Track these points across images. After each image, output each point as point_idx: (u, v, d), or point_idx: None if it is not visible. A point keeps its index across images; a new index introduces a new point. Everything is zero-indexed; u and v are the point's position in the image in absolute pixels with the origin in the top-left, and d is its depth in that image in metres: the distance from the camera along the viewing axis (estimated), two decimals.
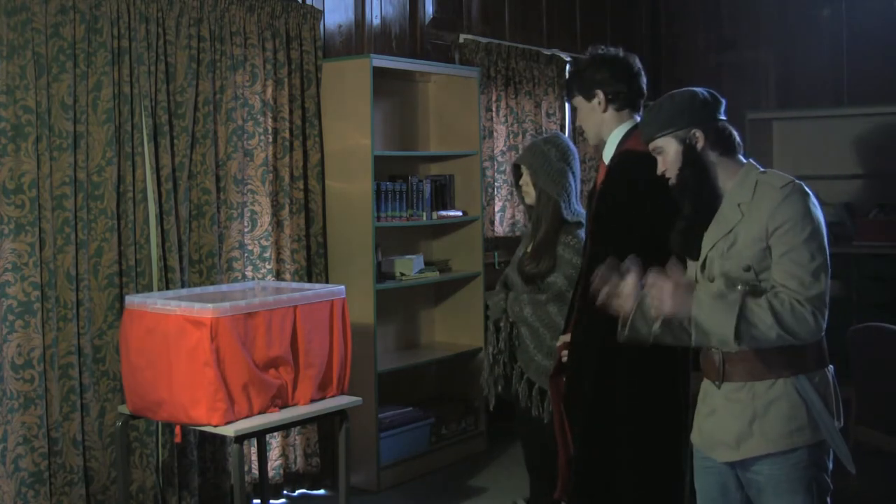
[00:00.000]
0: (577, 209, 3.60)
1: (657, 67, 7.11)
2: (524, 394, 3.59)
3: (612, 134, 2.99)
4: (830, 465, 2.44)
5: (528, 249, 3.69)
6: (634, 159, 2.86)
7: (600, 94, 2.98)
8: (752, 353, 2.38)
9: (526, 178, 3.70)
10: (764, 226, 2.35)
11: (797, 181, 2.40)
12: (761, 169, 2.48)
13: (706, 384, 2.52)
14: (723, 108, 2.53)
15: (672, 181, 2.50)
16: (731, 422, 2.41)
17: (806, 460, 2.36)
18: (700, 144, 2.46)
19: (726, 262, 2.41)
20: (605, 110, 2.99)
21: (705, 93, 2.52)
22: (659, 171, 2.53)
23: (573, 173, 3.61)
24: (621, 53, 3.03)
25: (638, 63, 3.05)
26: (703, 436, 2.52)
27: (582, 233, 3.51)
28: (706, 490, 2.56)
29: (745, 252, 2.38)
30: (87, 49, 3.83)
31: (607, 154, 2.99)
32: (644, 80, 3.05)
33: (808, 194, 2.38)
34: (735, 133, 2.52)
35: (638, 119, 3.01)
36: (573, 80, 3.07)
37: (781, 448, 2.36)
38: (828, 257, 2.36)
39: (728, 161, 2.48)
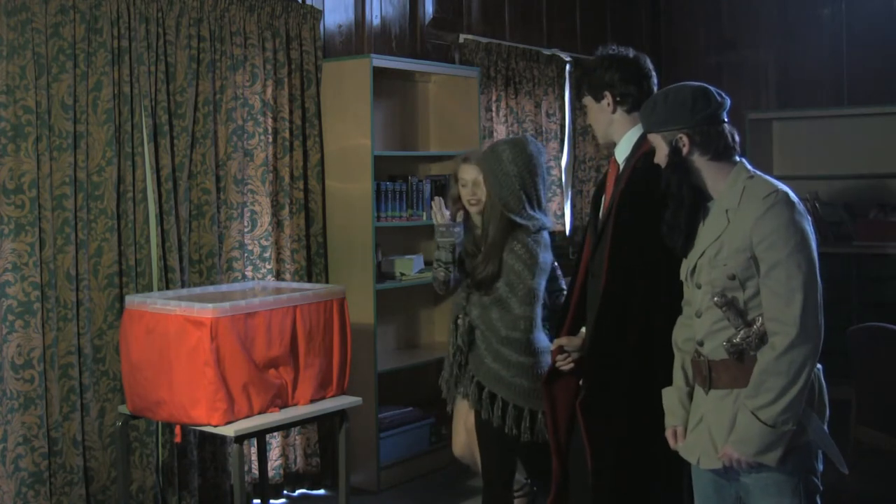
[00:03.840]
0: (532, 214, 3.46)
1: (657, 67, 6.99)
2: (474, 396, 3.53)
3: (625, 135, 2.94)
4: (820, 467, 2.44)
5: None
6: None
7: (608, 96, 2.95)
8: (736, 360, 2.39)
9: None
10: (748, 236, 2.36)
11: (782, 189, 2.39)
12: (749, 172, 2.47)
13: (697, 391, 2.52)
14: (723, 109, 2.50)
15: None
16: (717, 428, 2.42)
17: (792, 464, 2.37)
18: (686, 149, 2.47)
19: (713, 270, 2.42)
20: (613, 111, 2.96)
21: (702, 94, 2.49)
22: (656, 160, 2.56)
23: (528, 178, 3.45)
24: (631, 54, 2.97)
25: (649, 64, 2.99)
26: (689, 445, 2.52)
27: (531, 240, 3.45)
28: (701, 488, 2.57)
29: (731, 261, 2.38)
30: (87, 49, 3.83)
31: (621, 153, 2.95)
32: (655, 81, 3.00)
33: (792, 203, 2.37)
34: (731, 135, 2.49)
35: None
36: (582, 80, 3.03)
37: None
38: (816, 266, 2.35)
39: (718, 165, 2.47)
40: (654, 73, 3.01)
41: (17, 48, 3.66)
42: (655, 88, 3.00)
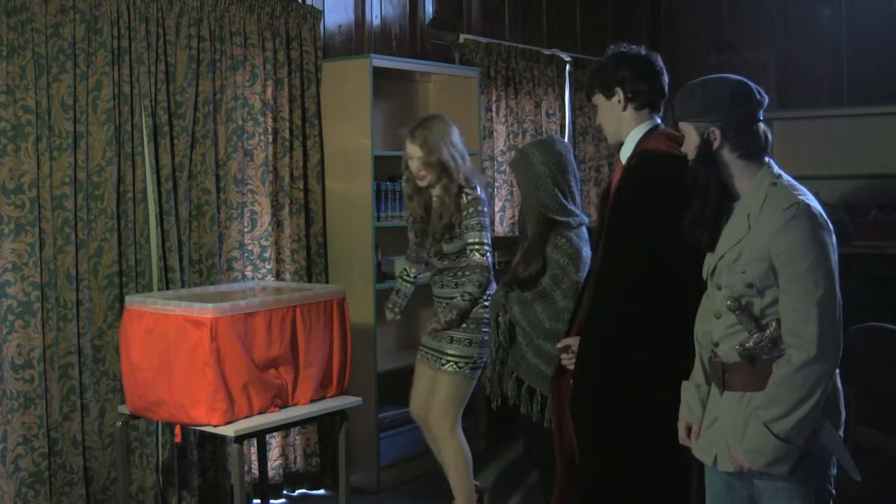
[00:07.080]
0: (572, 210, 3.55)
1: None
2: (513, 392, 3.58)
3: (631, 133, 2.96)
4: (833, 471, 2.41)
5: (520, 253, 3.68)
6: (651, 159, 2.84)
7: (620, 93, 2.96)
8: (748, 364, 2.37)
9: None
10: (767, 247, 2.32)
11: (804, 201, 2.32)
12: (773, 177, 2.40)
13: (713, 390, 2.51)
14: (761, 108, 2.42)
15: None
16: (731, 432, 2.41)
17: (803, 473, 2.35)
18: (717, 144, 2.40)
19: (731, 275, 2.38)
20: (624, 108, 2.97)
21: (743, 89, 2.41)
22: (683, 149, 2.50)
23: (560, 176, 3.52)
24: (643, 52, 2.99)
25: (660, 62, 3.00)
26: (704, 444, 2.51)
27: (573, 234, 3.49)
28: (713, 486, 2.56)
29: (750, 269, 2.34)
30: (87, 49, 3.83)
31: (625, 153, 2.97)
32: (666, 79, 3.00)
33: (813, 216, 2.30)
34: (764, 135, 2.42)
35: (658, 119, 2.98)
36: (594, 78, 3.04)
37: None
38: (836, 281, 2.30)
39: (748, 164, 2.41)
40: (664, 71, 3.02)
41: (17, 48, 3.66)
42: (667, 87, 3.01)
